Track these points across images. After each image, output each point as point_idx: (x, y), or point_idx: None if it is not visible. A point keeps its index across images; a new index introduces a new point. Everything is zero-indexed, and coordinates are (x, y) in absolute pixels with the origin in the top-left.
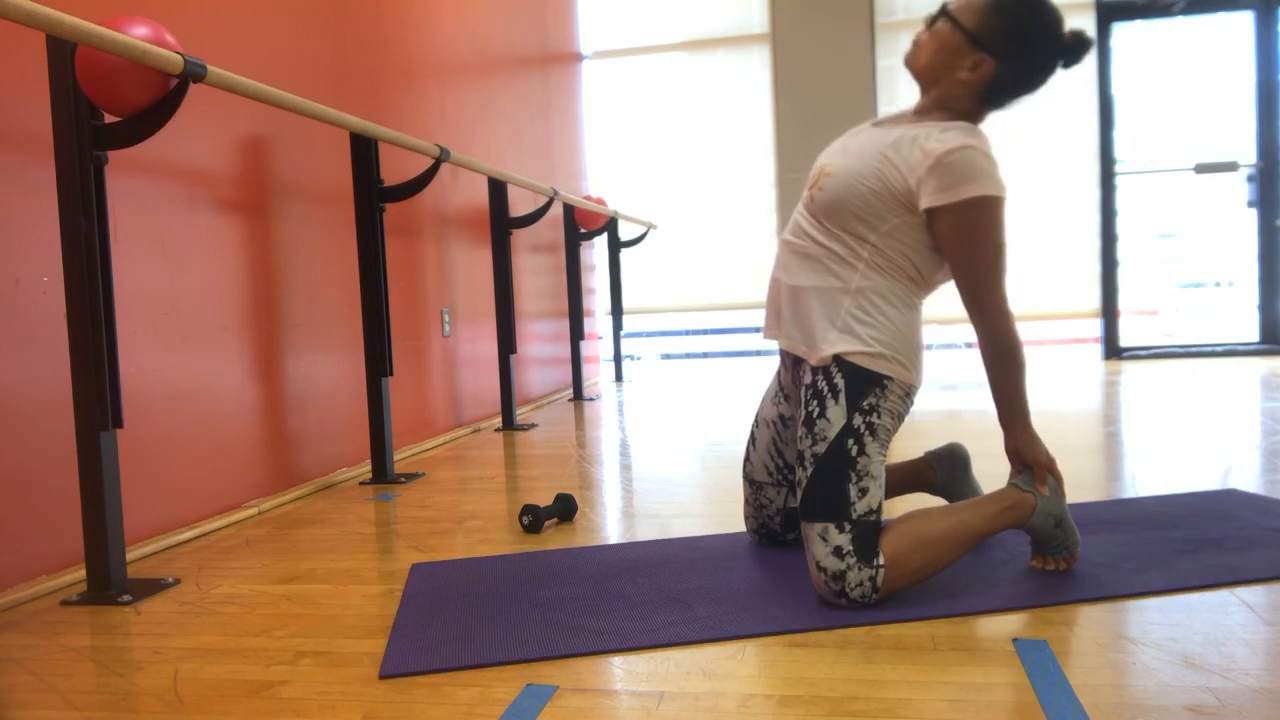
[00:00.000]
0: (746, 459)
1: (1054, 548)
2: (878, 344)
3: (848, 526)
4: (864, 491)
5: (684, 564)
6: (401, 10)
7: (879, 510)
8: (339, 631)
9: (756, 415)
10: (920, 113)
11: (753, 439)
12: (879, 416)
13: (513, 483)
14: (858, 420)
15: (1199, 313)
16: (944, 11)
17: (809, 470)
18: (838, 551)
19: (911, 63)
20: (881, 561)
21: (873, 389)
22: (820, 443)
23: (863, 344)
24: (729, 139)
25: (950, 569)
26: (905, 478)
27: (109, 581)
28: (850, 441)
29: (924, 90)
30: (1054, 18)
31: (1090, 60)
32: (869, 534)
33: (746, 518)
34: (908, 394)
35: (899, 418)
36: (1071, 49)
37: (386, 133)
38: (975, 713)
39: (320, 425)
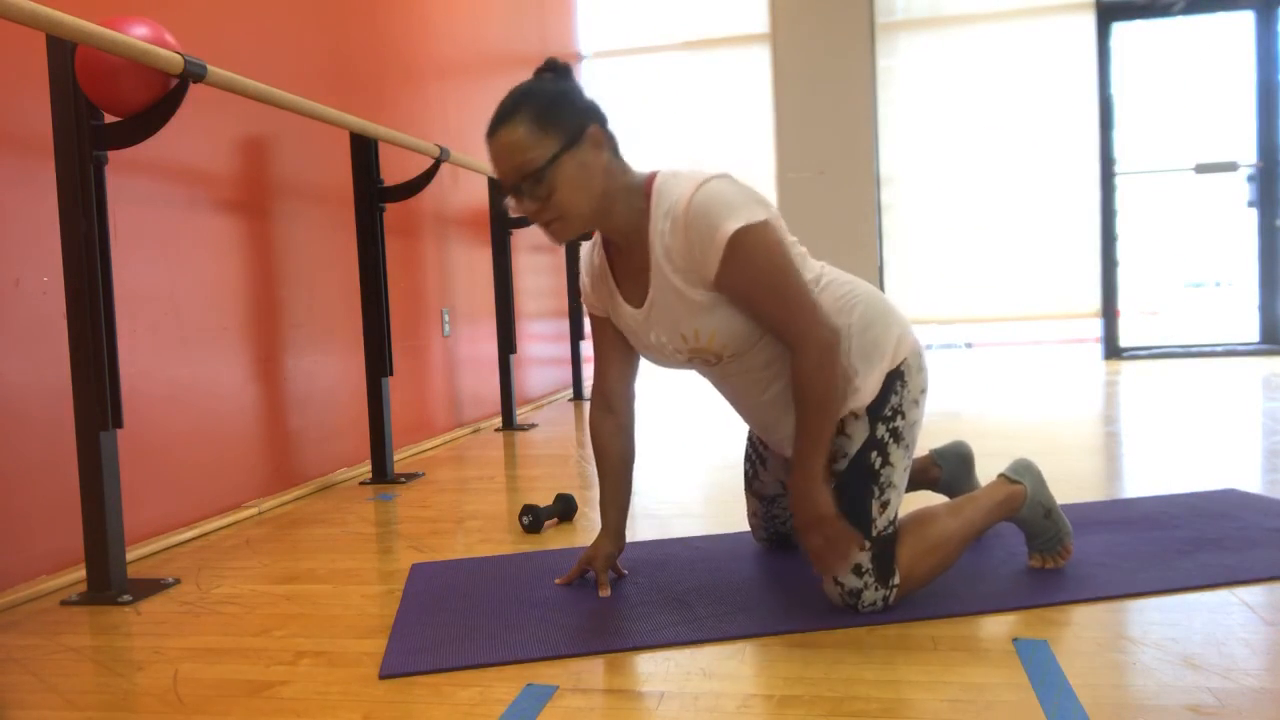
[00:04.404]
0: (755, 476)
1: (1046, 540)
2: (886, 339)
3: (867, 544)
4: (885, 505)
5: (684, 564)
6: (401, 10)
7: (896, 518)
8: (339, 631)
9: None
10: (631, 239)
11: (760, 459)
12: (903, 418)
13: (513, 483)
14: (881, 430)
15: (1199, 313)
16: (544, 170)
17: (830, 487)
18: (857, 569)
19: (599, 222)
20: (897, 580)
21: (892, 389)
22: (841, 459)
23: (887, 357)
24: (729, 139)
25: (950, 568)
26: (911, 475)
27: (109, 581)
28: (873, 454)
29: (607, 224)
30: (540, 81)
31: (1090, 60)
32: (887, 550)
33: (754, 528)
34: (921, 363)
35: (923, 394)
36: (560, 68)
37: (386, 133)
38: (975, 713)
39: (320, 425)
